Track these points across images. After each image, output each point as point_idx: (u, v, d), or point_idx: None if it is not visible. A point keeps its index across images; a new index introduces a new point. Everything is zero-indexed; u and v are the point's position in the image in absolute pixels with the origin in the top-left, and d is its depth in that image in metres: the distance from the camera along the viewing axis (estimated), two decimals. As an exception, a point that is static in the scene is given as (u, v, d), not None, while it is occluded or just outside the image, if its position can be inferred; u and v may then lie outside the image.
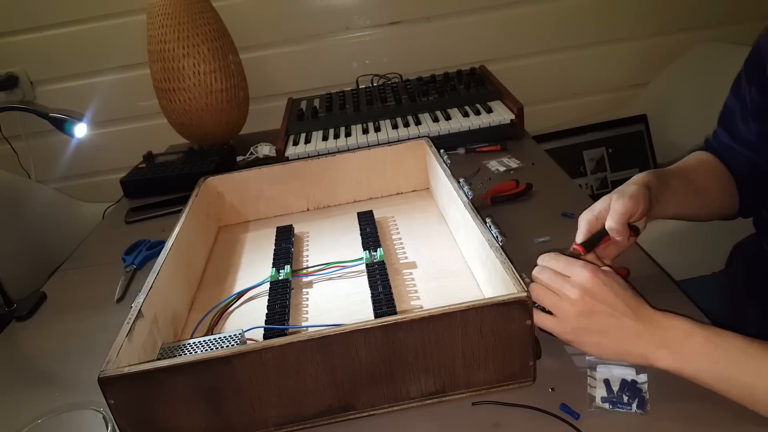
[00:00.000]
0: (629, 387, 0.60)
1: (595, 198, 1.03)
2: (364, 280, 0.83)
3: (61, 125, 1.13)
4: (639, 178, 0.73)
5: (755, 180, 0.84)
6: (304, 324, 0.78)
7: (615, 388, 0.60)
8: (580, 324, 0.59)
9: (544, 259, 0.65)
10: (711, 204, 0.83)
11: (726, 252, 0.97)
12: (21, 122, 1.66)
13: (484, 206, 1.00)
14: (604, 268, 0.63)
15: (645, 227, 0.73)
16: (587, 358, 0.64)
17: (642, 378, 0.61)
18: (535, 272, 0.64)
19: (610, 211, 0.68)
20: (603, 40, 1.68)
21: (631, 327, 0.58)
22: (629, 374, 0.61)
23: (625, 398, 0.59)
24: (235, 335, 0.70)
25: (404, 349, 0.59)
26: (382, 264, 0.84)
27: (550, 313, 0.62)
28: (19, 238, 1.43)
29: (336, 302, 0.81)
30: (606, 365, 0.63)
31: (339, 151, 1.20)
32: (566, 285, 0.60)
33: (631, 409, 0.58)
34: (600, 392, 0.60)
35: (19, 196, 1.50)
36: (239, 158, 1.41)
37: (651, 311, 0.59)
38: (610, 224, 0.67)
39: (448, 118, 1.31)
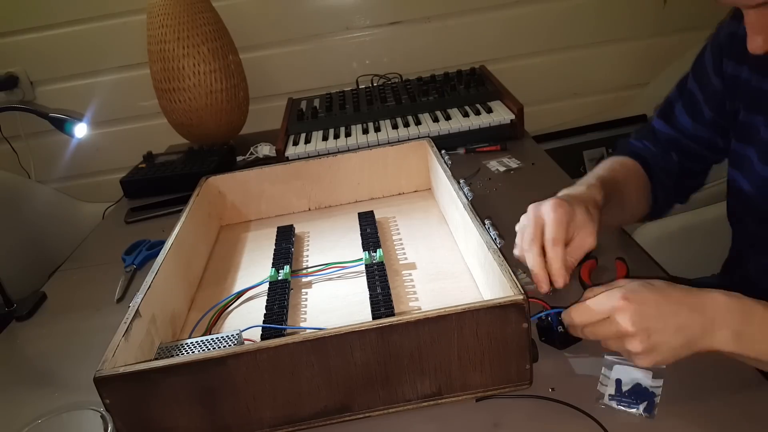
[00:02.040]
0: (641, 390, 0.60)
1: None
2: (363, 280, 0.83)
3: (61, 125, 1.14)
4: (593, 202, 0.71)
5: (684, 174, 0.88)
6: (302, 325, 0.78)
7: (626, 388, 0.60)
8: (651, 349, 0.57)
9: (575, 318, 0.61)
10: (630, 212, 0.85)
11: (725, 254, 0.97)
12: (21, 122, 1.66)
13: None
14: (620, 282, 0.61)
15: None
16: (605, 356, 0.63)
17: (657, 383, 0.60)
18: (587, 336, 0.61)
19: (578, 246, 0.67)
20: (603, 40, 1.68)
21: (691, 322, 0.56)
22: (645, 378, 0.60)
23: (633, 399, 0.59)
24: (232, 335, 0.70)
25: (400, 351, 0.59)
26: (381, 265, 0.84)
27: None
28: (19, 238, 1.43)
29: (334, 303, 0.82)
30: (624, 365, 0.62)
31: (339, 151, 1.20)
32: (613, 328, 0.58)
33: (637, 410, 0.58)
34: (609, 390, 0.61)
35: (19, 196, 1.50)
36: (239, 158, 1.41)
37: (696, 296, 0.57)
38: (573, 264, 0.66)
39: (448, 118, 1.31)
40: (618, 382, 0.61)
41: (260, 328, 0.76)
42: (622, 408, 0.59)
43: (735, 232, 0.88)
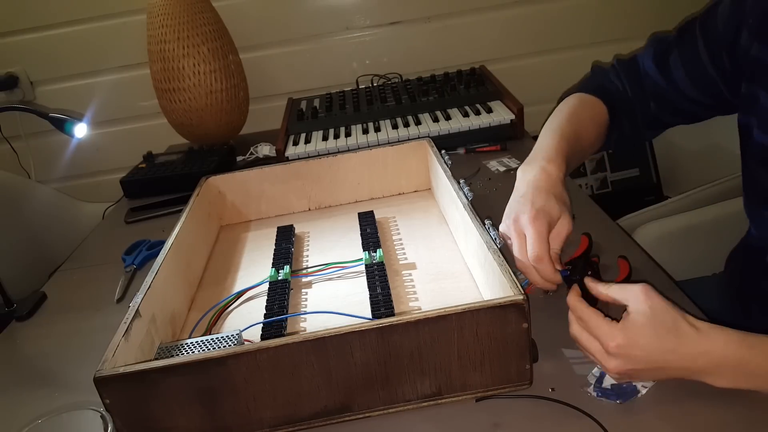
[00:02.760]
0: (625, 388, 0.60)
1: (595, 198, 1.03)
2: (363, 280, 0.83)
3: (61, 125, 1.14)
4: (554, 185, 0.73)
5: (648, 124, 0.87)
6: (302, 325, 0.78)
7: (611, 382, 0.61)
8: (623, 371, 0.58)
9: (575, 310, 0.62)
10: (585, 156, 0.86)
11: (726, 253, 0.97)
12: (21, 122, 1.66)
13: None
14: (632, 292, 0.60)
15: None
16: None
17: (648, 384, 0.61)
18: (571, 328, 0.63)
19: (557, 234, 0.70)
20: (603, 40, 1.68)
21: (677, 369, 0.57)
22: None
23: (614, 393, 0.60)
24: (232, 335, 0.70)
25: (400, 351, 0.59)
26: (381, 265, 0.84)
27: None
28: (19, 238, 1.43)
29: (334, 303, 0.81)
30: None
31: (339, 151, 1.20)
32: (598, 355, 0.59)
33: (615, 401, 0.59)
34: (592, 380, 0.62)
35: (19, 196, 1.50)
36: (239, 158, 1.41)
37: (692, 342, 0.56)
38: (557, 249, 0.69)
39: (448, 118, 1.31)
40: (602, 375, 0.62)
41: (260, 326, 0.76)
42: (601, 399, 0.60)
43: (754, 225, 0.85)
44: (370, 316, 0.75)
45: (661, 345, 0.56)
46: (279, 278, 0.85)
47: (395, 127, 1.32)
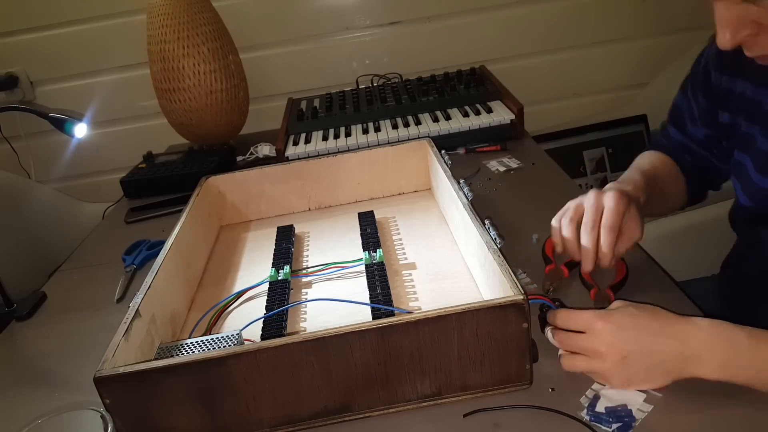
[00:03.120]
0: (619, 412, 0.58)
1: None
2: (363, 280, 0.83)
3: (61, 125, 1.14)
4: (636, 198, 0.75)
5: (701, 173, 0.90)
6: (302, 324, 0.78)
7: (606, 404, 0.59)
8: (622, 373, 0.59)
9: (557, 320, 0.64)
10: (669, 203, 0.90)
11: (724, 254, 0.97)
12: (21, 122, 1.66)
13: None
14: (616, 303, 0.63)
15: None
16: None
17: (645, 407, 0.58)
18: (556, 342, 0.64)
19: (628, 237, 0.71)
20: (603, 40, 1.68)
21: (670, 352, 0.58)
22: (635, 400, 0.59)
23: (609, 418, 0.58)
24: (232, 335, 0.70)
25: (400, 351, 0.59)
26: (381, 265, 0.84)
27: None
28: (19, 238, 1.43)
29: (334, 303, 0.81)
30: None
31: (339, 151, 1.20)
32: (587, 344, 0.60)
33: (609, 429, 0.57)
34: (585, 402, 0.60)
35: (19, 196, 1.50)
36: (239, 158, 1.41)
37: (681, 326, 0.58)
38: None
39: (448, 118, 1.31)
40: (596, 398, 0.60)
41: (260, 327, 0.76)
42: (595, 424, 0.58)
43: (737, 233, 0.90)
44: (368, 302, 0.76)
45: (647, 324, 0.59)
46: (279, 278, 0.85)
47: (395, 127, 1.32)
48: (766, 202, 0.77)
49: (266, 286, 0.85)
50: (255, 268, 0.94)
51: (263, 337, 0.74)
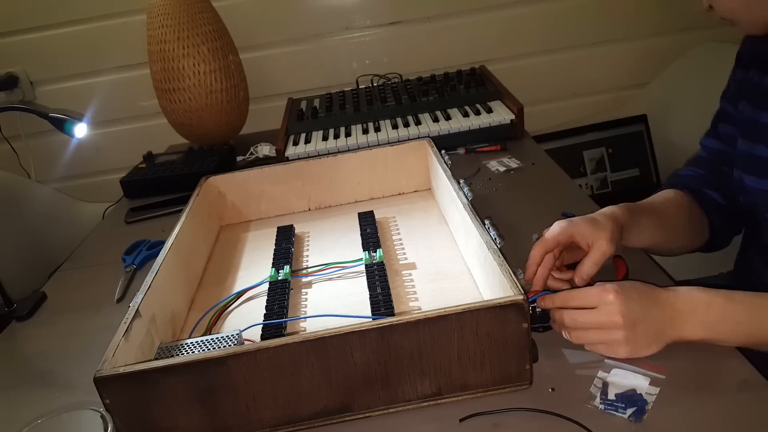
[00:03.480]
0: (634, 396, 0.59)
1: (595, 198, 1.03)
2: (363, 280, 0.83)
3: (61, 125, 1.14)
4: (610, 214, 0.75)
5: (732, 201, 0.87)
6: (302, 324, 0.78)
7: (615, 391, 0.60)
8: (630, 340, 0.63)
9: (560, 300, 0.66)
10: (681, 239, 0.86)
11: (726, 253, 0.97)
12: (21, 122, 1.66)
13: None
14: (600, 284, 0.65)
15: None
16: (606, 360, 0.64)
17: (653, 390, 0.60)
18: (565, 321, 0.65)
19: (592, 254, 0.71)
20: (603, 40, 1.68)
21: (664, 317, 0.63)
22: (642, 385, 0.61)
23: (623, 404, 0.59)
24: (232, 335, 0.70)
25: (400, 351, 0.59)
26: (381, 265, 0.84)
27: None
28: (19, 238, 1.43)
29: (334, 303, 0.81)
30: (623, 370, 0.63)
31: (339, 151, 1.20)
32: (602, 317, 0.63)
33: (624, 414, 0.58)
34: (596, 392, 0.61)
35: (19, 196, 1.50)
36: (239, 158, 1.41)
37: (667, 293, 0.64)
38: (587, 271, 0.71)
39: (448, 118, 1.31)
40: (605, 385, 0.61)
41: (260, 327, 0.76)
42: (610, 412, 0.58)
43: (745, 232, 0.89)
44: (370, 315, 0.75)
45: (645, 295, 0.64)
46: (279, 278, 0.85)
47: (395, 127, 1.32)
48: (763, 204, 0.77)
49: (266, 286, 0.85)
50: (255, 268, 0.94)
51: (263, 337, 0.74)
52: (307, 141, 1.32)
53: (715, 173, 0.89)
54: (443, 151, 1.01)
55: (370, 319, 0.74)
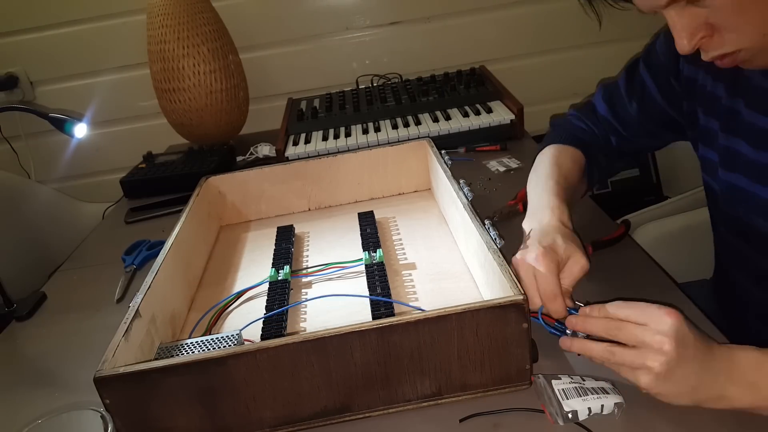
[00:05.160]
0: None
1: (595, 198, 1.03)
2: (363, 280, 0.83)
3: (61, 125, 1.14)
4: (560, 228, 0.71)
5: (611, 160, 0.90)
6: (302, 325, 0.78)
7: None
8: (667, 377, 0.54)
9: (607, 310, 0.59)
10: (575, 194, 0.86)
11: (707, 261, 0.96)
12: (21, 122, 1.66)
13: (516, 213, 0.97)
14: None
15: None
16: (553, 381, 0.61)
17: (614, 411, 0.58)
18: (609, 330, 0.59)
19: (569, 273, 0.66)
20: (603, 40, 1.67)
21: (708, 368, 0.55)
22: (606, 405, 0.58)
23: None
24: (232, 335, 0.70)
25: (400, 351, 0.59)
26: (381, 265, 0.84)
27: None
28: (19, 238, 1.43)
29: (334, 303, 0.81)
30: (580, 399, 0.58)
31: (339, 152, 1.20)
32: (647, 336, 0.55)
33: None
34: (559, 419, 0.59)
35: (19, 196, 1.50)
36: (239, 158, 1.41)
37: (721, 347, 0.56)
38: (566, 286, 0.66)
39: (448, 118, 1.31)
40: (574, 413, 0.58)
41: (260, 327, 0.76)
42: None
43: (716, 243, 0.87)
44: (367, 294, 0.76)
45: (703, 345, 0.55)
46: (279, 278, 0.85)
47: (395, 127, 1.32)
48: (733, 198, 0.74)
49: (266, 286, 0.85)
50: (255, 268, 0.94)
51: (263, 337, 0.74)
52: (307, 141, 1.32)
53: (604, 137, 0.90)
54: (443, 151, 1.02)
55: (368, 299, 0.75)
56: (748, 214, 0.73)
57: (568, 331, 0.63)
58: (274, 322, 0.76)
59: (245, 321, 0.78)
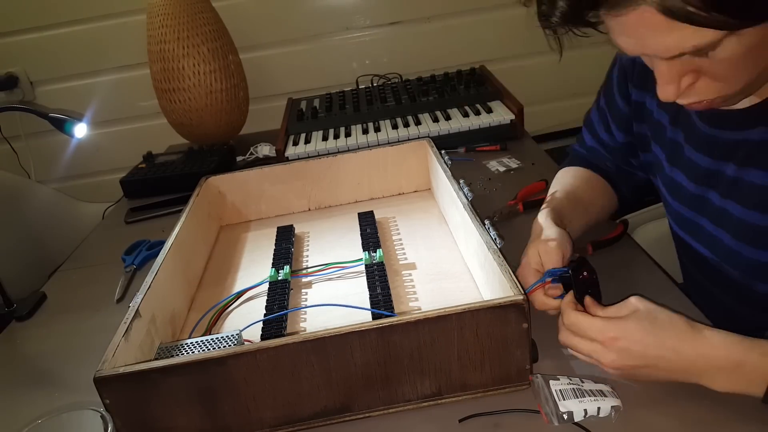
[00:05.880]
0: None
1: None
2: (363, 281, 0.83)
3: (61, 125, 1.14)
4: (550, 227, 0.75)
5: (627, 175, 0.90)
6: (302, 325, 0.78)
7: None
8: (623, 376, 0.60)
9: (566, 320, 0.63)
10: (598, 213, 0.87)
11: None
12: (21, 122, 1.66)
13: (516, 214, 0.98)
14: (632, 301, 0.61)
15: None
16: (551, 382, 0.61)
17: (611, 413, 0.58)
18: (565, 339, 0.64)
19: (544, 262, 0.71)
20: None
21: (676, 368, 0.57)
22: (603, 408, 0.58)
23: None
24: (232, 335, 0.70)
25: (400, 351, 0.59)
26: (381, 265, 0.84)
27: None
28: (19, 238, 1.43)
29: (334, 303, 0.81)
30: (577, 400, 0.59)
31: (339, 152, 1.20)
32: (594, 354, 0.60)
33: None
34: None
35: (19, 196, 1.50)
36: (239, 158, 1.41)
37: (693, 344, 0.57)
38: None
39: (448, 118, 1.31)
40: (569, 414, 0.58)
41: (260, 326, 0.76)
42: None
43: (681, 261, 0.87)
44: (368, 303, 0.76)
45: (661, 342, 0.57)
46: (279, 278, 0.85)
47: (395, 127, 1.32)
48: (684, 225, 0.77)
49: (266, 286, 0.85)
50: (255, 268, 0.94)
51: (263, 337, 0.74)
52: (307, 141, 1.32)
53: (599, 159, 0.91)
54: (443, 151, 1.01)
55: (371, 312, 0.75)
56: (695, 242, 0.76)
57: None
58: (274, 322, 0.76)
59: (245, 321, 0.78)
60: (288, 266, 0.88)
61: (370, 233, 0.94)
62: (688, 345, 0.57)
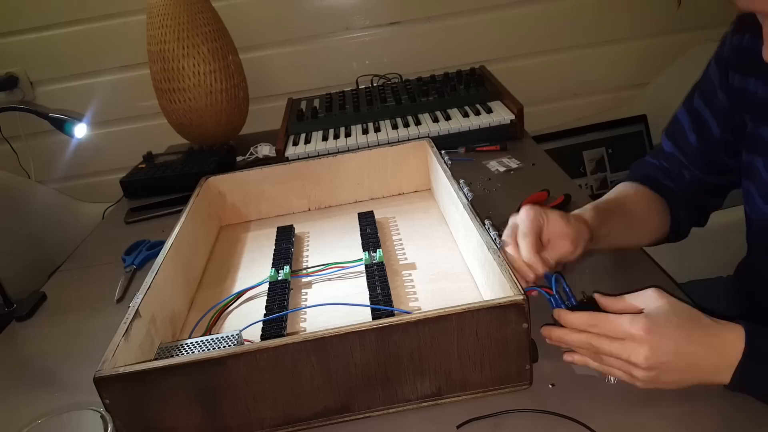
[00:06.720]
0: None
1: (595, 198, 1.03)
2: (363, 281, 0.83)
3: (61, 125, 1.13)
4: (581, 217, 0.73)
5: (695, 196, 0.85)
6: (302, 325, 0.78)
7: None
8: (651, 380, 0.58)
9: (581, 321, 0.61)
10: (644, 235, 0.84)
11: (726, 256, 0.96)
12: (21, 122, 1.66)
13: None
14: (648, 293, 0.60)
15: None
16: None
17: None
18: (581, 341, 0.60)
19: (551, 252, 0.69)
20: (603, 40, 1.68)
21: (705, 364, 0.57)
22: None
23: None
24: (232, 336, 0.70)
25: (399, 351, 0.59)
26: (381, 265, 0.84)
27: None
28: (19, 238, 1.43)
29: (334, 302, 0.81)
30: None
31: (339, 152, 1.20)
32: (624, 352, 0.57)
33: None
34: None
35: (19, 196, 1.50)
36: (239, 158, 1.41)
37: (718, 337, 0.56)
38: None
39: (448, 118, 1.31)
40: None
41: (260, 326, 0.76)
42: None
43: (750, 243, 0.86)
44: (368, 303, 0.76)
45: (689, 335, 0.56)
46: (279, 278, 0.85)
47: (395, 127, 1.32)
48: None
49: (266, 286, 0.85)
50: (255, 268, 0.94)
51: (263, 338, 0.74)
52: (307, 141, 1.32)
53: (674, 169, 0.88)
54: (443, 151, 1.02)
55: (370, 308, 0.75)
56: None
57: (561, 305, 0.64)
58: (274, 323, 0.76)
59: (245, 321, 0.78)
60: (288, 266, 0.88)
61: (370, 233, 0.94)
62: (715, 335, 0.56)
